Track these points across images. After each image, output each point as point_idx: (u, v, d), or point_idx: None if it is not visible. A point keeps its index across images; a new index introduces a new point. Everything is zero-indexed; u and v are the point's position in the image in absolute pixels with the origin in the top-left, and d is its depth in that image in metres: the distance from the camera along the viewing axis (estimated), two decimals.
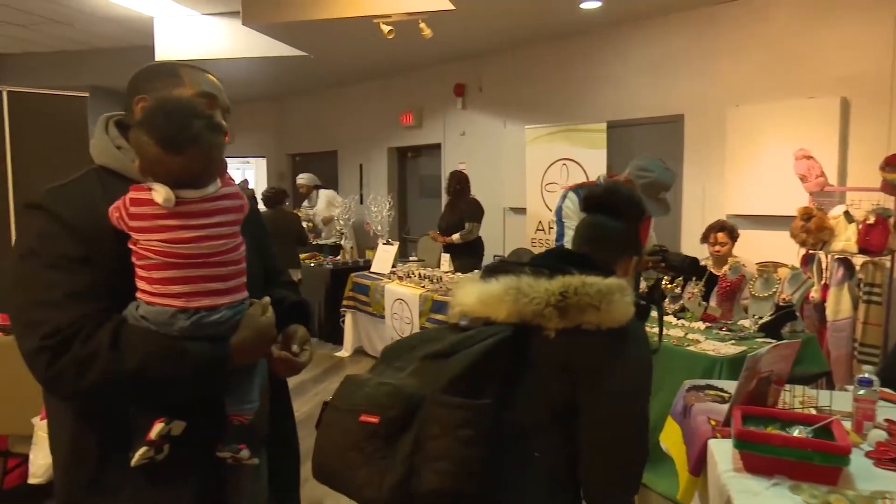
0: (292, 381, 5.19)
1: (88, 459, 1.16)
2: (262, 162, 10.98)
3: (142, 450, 1.11)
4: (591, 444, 1.28)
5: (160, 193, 1.10)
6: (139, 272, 1.13)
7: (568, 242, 2.83)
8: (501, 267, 1.40)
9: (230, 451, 1.20)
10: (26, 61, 8.32)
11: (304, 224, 7.06)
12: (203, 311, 1.14)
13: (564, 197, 3.04)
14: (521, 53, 6.49)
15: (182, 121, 1.12)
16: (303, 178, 7.86)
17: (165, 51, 6.63)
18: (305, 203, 7.83)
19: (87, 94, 3.70)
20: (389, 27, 4.79)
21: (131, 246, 1.13)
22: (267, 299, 1.28)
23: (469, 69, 7.04)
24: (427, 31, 4.81)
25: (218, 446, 1.20)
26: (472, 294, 1.36)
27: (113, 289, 1.13)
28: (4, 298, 1.13)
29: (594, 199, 1.59)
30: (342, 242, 7.10)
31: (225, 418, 1.22)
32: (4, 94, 3.25)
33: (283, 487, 1.47)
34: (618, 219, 1.53)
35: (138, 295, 1.14)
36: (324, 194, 7.69)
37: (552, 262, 1.37)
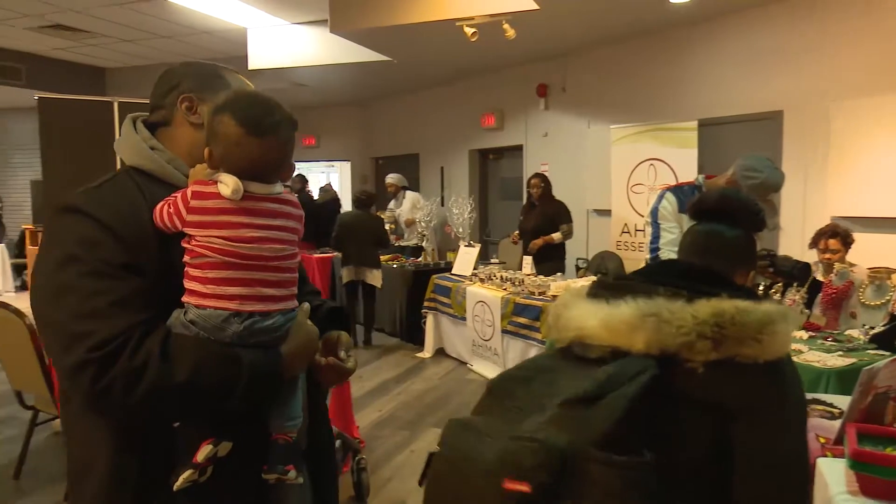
0: (375, 381, 5.25)
1: (128, 487, 1.08)
2: (347, 165, 11.25)
3: (187, 473, 1.04)
4: (750, 493, 1.10)
5: (228, 185, 1.06)
6: (191, 272, 1.07)
7: (666, 245, 2.72)
8: (623, 286, 1.20)
9: (277, 472, 1.12)
10: (131, 74, 8.91)
11: (388, 226, 7.14)
12: (257, 316, 1.09)
13: (661, 197, 2.91)
14: (606, 51, 6.34)
15: (267, 107, 1.11)
16: (392, 178, 7.81)
17: (257, 59, 6.92)
18: (392, 203, 7.85)
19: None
20: (473, 29, 4.80)
21: (185, 244, 1.08)
22: (307, 305, 1.22)
23: (552, 69, 6.95)
24: (510, 32, 4.78)
25: (264, 468, 1.12)
26: (592, 317, 1.15)
27: (157, 296, 1.06)
28: (41, 308, 1.06)
29: (708, 205, 1.44)
30: (423, 244, 7.17)
31: (268, 437, 1.14)
32: (116, 105, 3.47)
33: (324, 500, 1.35)
34: (735, 228, 1.39)
35: (186, 298, 1.08)
36: (410, 196, 7.70)
37: (675, 278, 1.20)
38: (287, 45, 6.79)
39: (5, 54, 7.92)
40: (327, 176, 14.05)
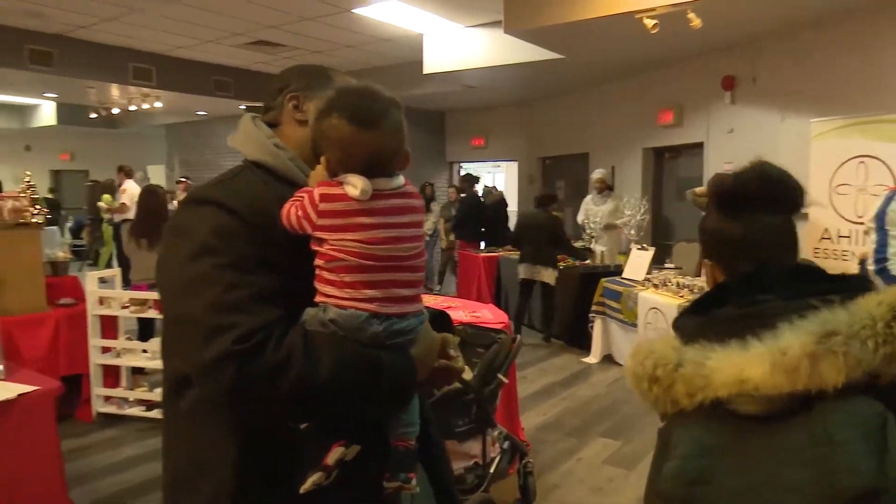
0: (539, 383, 5.15)
1: (252, 489, 1.04)
2: (513, 166, 11.29)
3: (316, 475, 1.01)
4: None
5: (356, 185, 1.01)
6: (325, 275, 1.04)
7: (894, 255, 2.36)
8: (759, 312, 0.95)
9: (400, 480, 1.08)
10: None
11: (582, 220, 6.89)
12: (394, 318, 1.05)
13: (890, 199, 2.53)
14: (806, 37, 5.69)
15: (372, 96, 1.08)
16: (600, 174, 7.18)
17: (432, 64, 7.15)
18: (590, 197, 7.23)
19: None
20: (654, 21, 4.55)
21: (315, 247, 1.04)
22: (425, 311, 1.18)
23: (740, 59, 6.39)
24: (696, 21, 4.46)
25: (386, 476, 1.09)
26: (755, 362, 0.90)
27: (286, 293, 1.02)
28: (170, 301, 1.04)
29: (752, 191, 1.07)
30: (592, 246, 6.96)
31: (387, 444, 1.10)
32: None
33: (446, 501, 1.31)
34: (781, 213, 1.08)
35: (322, 299, 1.04)
36: (614, 198, 7.10)
37: (797, 284, 0.98)
38: (460, 49, 6.94)
39: (218, 70, 8.97)
40: (493, 176, 14.24)
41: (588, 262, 6.73)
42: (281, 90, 1.21)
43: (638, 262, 5.72)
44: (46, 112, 12.73)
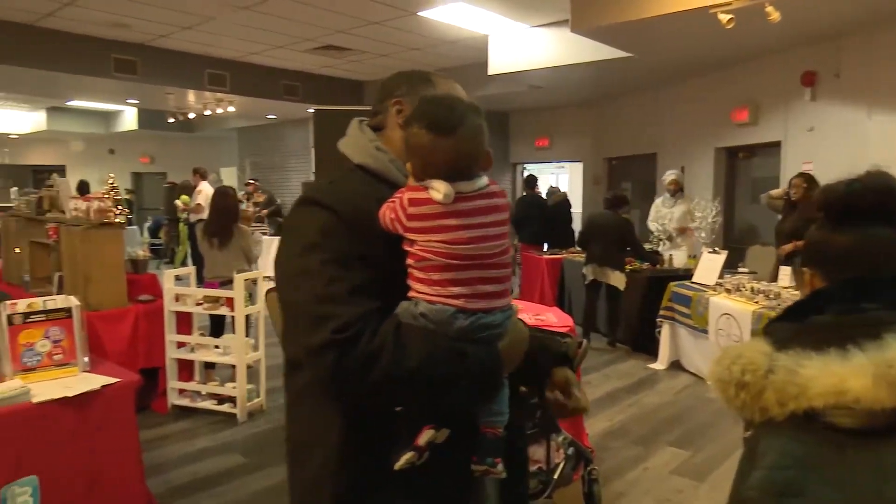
0: (604, 389, 5.03)
1: (353, 465, 1.14)
2: (578, 166, 11.12)
3: (408, 454, 1.09)
4: None
5: (440, 190, 1.08)
6: (416, 273, 1.11)
7: None
8: (861, 321, 0.91)
9: (487, 465, 1.15)
10: None
11: (652, 225, 6.70)
12: (480, 313, 1.11)
13: None
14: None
15: (449, 104, 1.13)
16: (673, 175, 6.91)
17: (497, 65, 7.12)
18: (661, 200, 7.02)
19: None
20: (729, 16, 4.37)
21: (407, 248, 1.11)
22: (517, 306, 1.24)
23: (822, 53, 6.07)
24: (775, 15, 4.26)
25: (473, 460, 1.15)
26: (857, 374, 0.86)
27: (383, 288, 1.10)
28: (282, 290, 1.16)
29: (866, 204, 1.03)
30: (661, 249, 6.76)
31: (477, 430, 1.16)
32: None
33: (514, 498, 1.36)
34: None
35: (413, 295, 1.11)
36: (686, 200, 6.87)
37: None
38: (525, 49, 6.88)
39: (287, 74, 9.22)
40: (556, 177, 14.07)
41: (656, 265, 6.54)
42: (388, 95, 1.28)
43: (709, 265, 5.51)
44: (129, 117, 13.43)
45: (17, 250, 5.30)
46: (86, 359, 2.57)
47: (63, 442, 2.28)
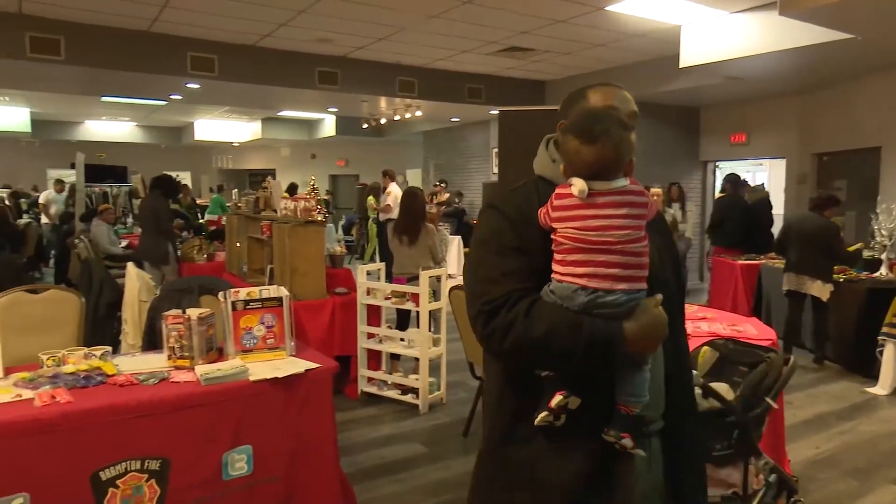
0: (810, 411, 4.51)
1: (507, 412, 1.40)
2: (780, 163, 10.07)
3: (543, 413, 1.30)
4: None
5: (577, 185, 1.29)
6: (556, 255, 1.32)
7: None
8: None
9: (614, 436, 1.30)
10: (567, 84, 9.63)
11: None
12: (600, 292, 1.28)
13: None
14: None
15: (595, 117, 1.33)
16: None
17: (690, 56, 6.68)
18: None
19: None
20: None
21: (553, 236, 1.33)
22: (659, 297, 1.33)
23: None
24: None
25: (605, 429, 1.31)
26: None
27: (536, 273, 1.34)
28: (465, 274, 1.52)
29: None
30: (882, 256, 5.88)
31: (614, 406, 1.32)
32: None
33: (681, 487, 1.48)
34: None
35: (552, 276, 1.33)
36: None
37: None
38: (723, 38, 6.37)
39: (471, 78, 9.46)
40: (753, 175, 12.88)
41: (878, 274, 5.72)
42: (562, 115, 1.50)
43: None
44: (328, 124, 14.67)
45: (238, 244, 6.03)
46: (292, 344, 2.84)
47: (272, 418, 2.53)
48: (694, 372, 2.20)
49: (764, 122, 9.68)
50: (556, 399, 1.29)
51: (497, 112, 4.46)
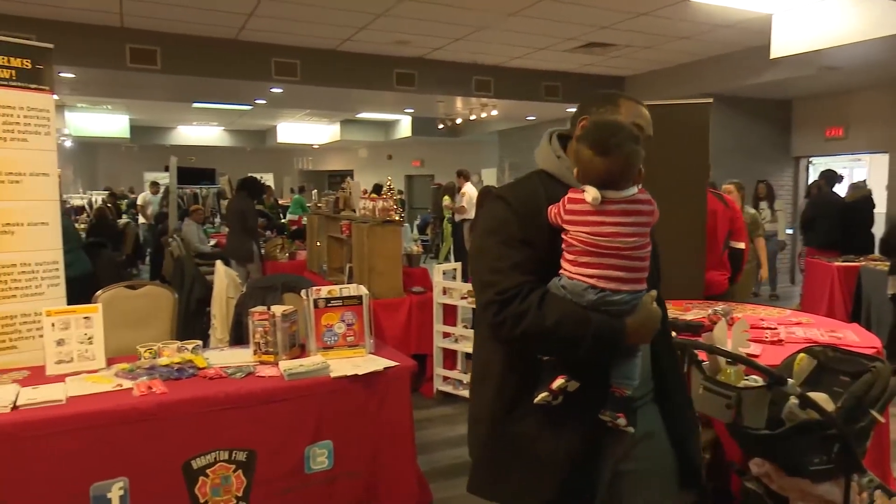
0: None
1: (508, 392, 1.52)
2: (882, 159, 9.39)
3: (543, 394, 1.44)
4: None
5: (590, 193, 1.40)
6: (565, 255, 1.45)
7: None
8: None
9: (609, 416, 1.45)
10: (647, 79, 9.34)
11: None
12: (608, 292, 1.41)
13: None
14: None
15: (610, 131, 1.42)
16: None
17: (781, 47, 6.34)
18: None
19: (710, 101, 3.82)
20: None
21: (563, 236, 1.44)
22: (654, 292, 1.50)
23: None
24: None
25: (601, 410, 1.46)
26: None
27: (542, 265, 1.46)
28: (470, 261, 1.61)
29: None
30: None
31: (608, 388, 1.47)
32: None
33: (688, 457, 1.66)
34: None
35: (561, 271, 1.45)
36: None
37: None
38: (819, 25, 5.99)
39: (548, 75, 9.34)
40: (850, 172, 12.08)
41: None
42: (582, 112, 1.58)
43: None
44: (404, 125, 14.87)
45: (318, 243, 6.20)
46: (371, 341, 2.88)
47: (352, 414, 2.58)
48: (790, 381, 2.07)
49: (863, 115, 9.07)
50: (558, 382, 1.43)
51: (574, 110, 4.37)
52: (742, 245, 4.07)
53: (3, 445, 2.05)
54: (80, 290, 3.37)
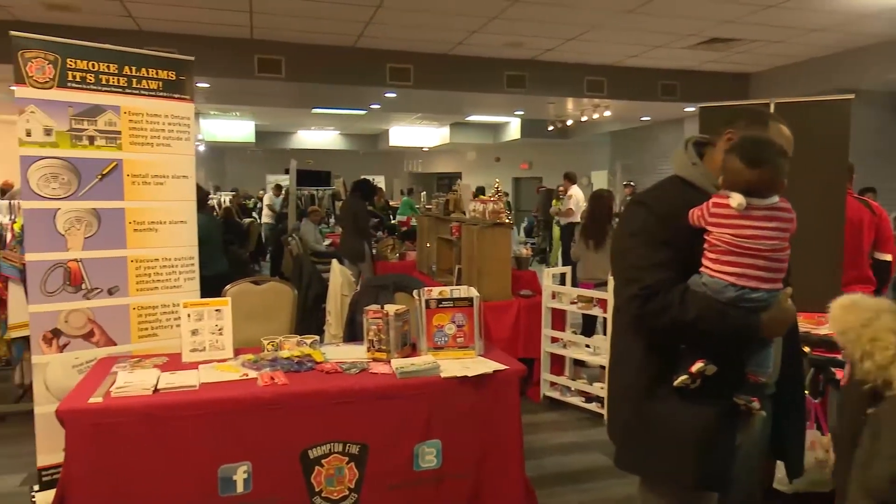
0: None
1: (648, 375, 1.64)
2: None
3: (683, 377, 1.56)
4: None
5: (735, 199, 1.51)
6: (708, 254, 1.56)
7: None
8: None
9: (744, 400, 1.59)
10: (774, 75, 8.75)
11: None
12: (747, 289, 1.52)
13: None
14: None
15: (762, 146, 1.55)
16: None
17: None
18: None
19: (851, 97, 3.51)
20: None
21: (706, 237, 1.56)
22: (789, 290, 1.60)
23: None
24: None
25: (736, 394, 1.59)
26: None
27: (682, 264, 1.59)
28: (614, 261, 1.73)
29: None
30: None
31: (744, 375, 1.59)
32: (772, 106, 3.40)
33: (782, 442, 1.78)
34: None
35: (702, 269, 1.57)
36: None
37: None
38: None
39: (665, 74, 8.97)
40: None
41: None
42: (727, 124, 1.67)
43: None
44: (513, 128, 14.84)
45: (428, 244, 6.30)
46: (481, 343, 2.88)
47: (461, 415, 2.59)
48: None
49: None
50: (697, 366, 1.54)
51: (693, 109, 4.16)
52: (888, 257, 3.71)
53: (144, 424, 2.24)
54: (215, 286, 3.61)
